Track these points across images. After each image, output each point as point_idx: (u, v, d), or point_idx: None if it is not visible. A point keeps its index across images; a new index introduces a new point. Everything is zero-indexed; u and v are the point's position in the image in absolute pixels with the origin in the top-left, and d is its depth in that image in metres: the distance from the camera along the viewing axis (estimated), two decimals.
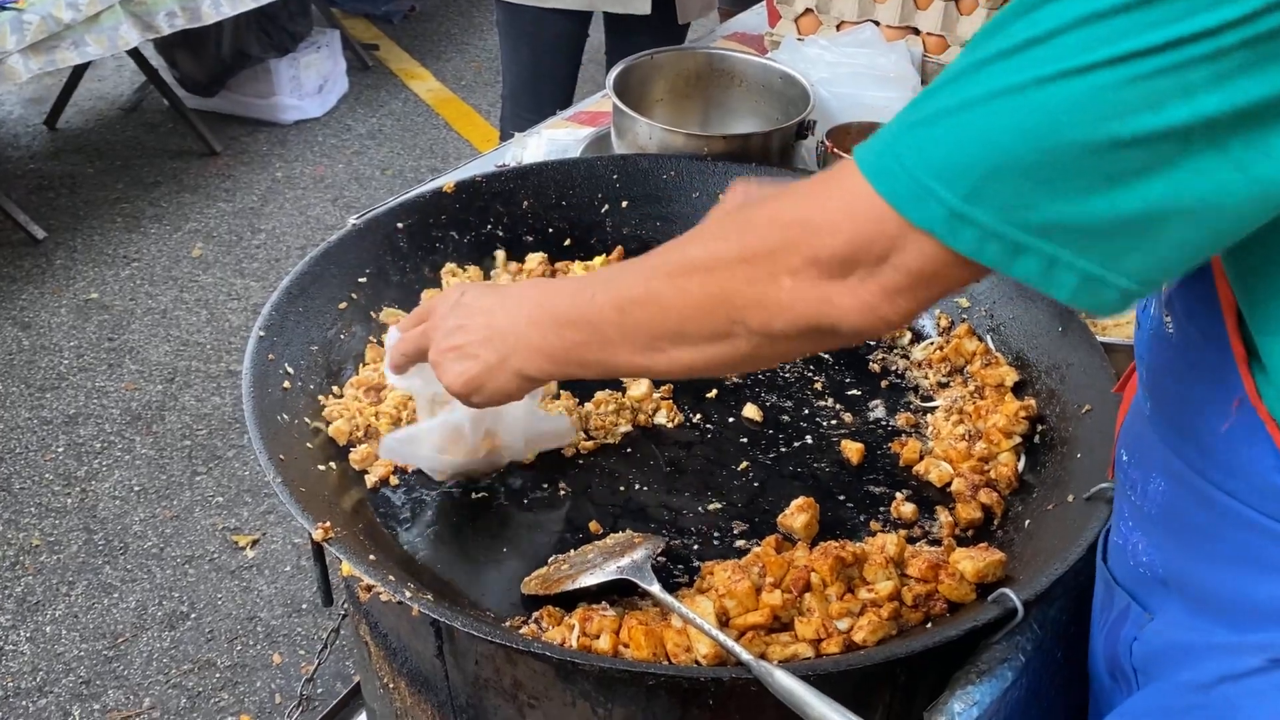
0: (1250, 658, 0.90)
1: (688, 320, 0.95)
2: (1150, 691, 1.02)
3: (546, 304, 1.08)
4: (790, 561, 1.23)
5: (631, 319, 0.99)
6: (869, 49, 2.09)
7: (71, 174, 4.61)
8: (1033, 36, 0.73)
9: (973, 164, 0.75)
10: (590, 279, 1.07)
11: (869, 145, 0.84)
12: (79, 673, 2.61)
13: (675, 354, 0.98)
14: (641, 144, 1.90)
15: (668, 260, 0.98)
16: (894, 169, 0.80)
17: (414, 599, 1.12)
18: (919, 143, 0.78)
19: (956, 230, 0.77)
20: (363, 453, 1.40)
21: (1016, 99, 0.73)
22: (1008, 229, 0.76)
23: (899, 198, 0.79)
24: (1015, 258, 0.76)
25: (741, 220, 0.93)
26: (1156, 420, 0.98)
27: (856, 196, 0.82)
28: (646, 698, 1.17)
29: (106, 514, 3.04)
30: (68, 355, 3.62)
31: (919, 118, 0.80)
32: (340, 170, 4.80)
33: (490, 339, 1.11)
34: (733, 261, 0.91)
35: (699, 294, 0.93)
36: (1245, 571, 0.90)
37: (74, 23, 3.72)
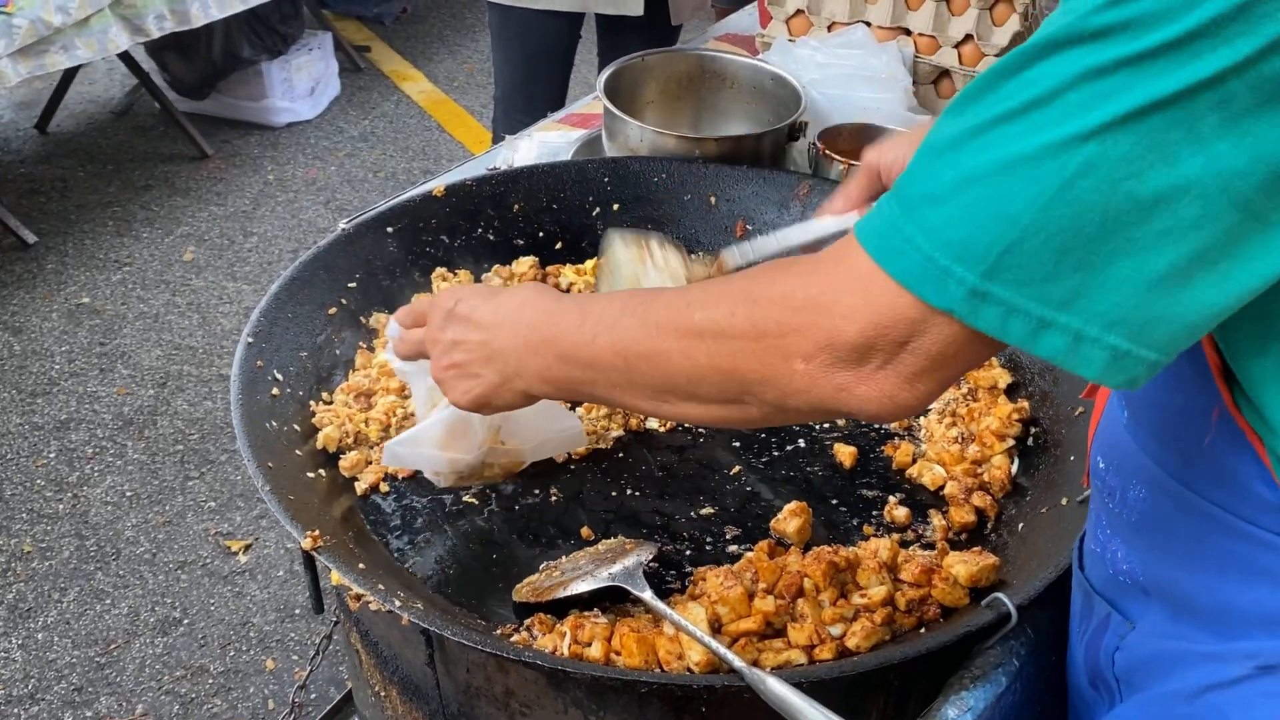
0: (1236, 665, 0.90)
1: (697, 383, 0.92)
2: (1134, 703, 1.01)
3: (545, 335, 1.05)
4: (783, 567, 1.22)
5: (637, 370, 0.96)
6: (860, 50, 2.09)
7: (62, 178, 4.59)
8: (1034, 97, 0.71)
9: (991, 240, 0.72)
10: (588, 311, 1.02)
11: (872, 225, 0.80)
12: (71, 680, 2.60)
13: (684, 407, 0.96)
14: (633, 146, 1.89)
15: (672, 319, 0.94)
16: (905, 249, 0.76)
17: (404, 608, 1.11)
18: (930, 222, 0.75)
19: (978, 309, 0.74)
20: (352, 459, 1.39)
21: (1029, 168, 0.70)
22: (1031, 304, 0.73)
23: (915, 280, 0.76)
24: (1039, 335, 0.73)
25: (748, 293, 0.89)
26: (1134, 429, 0.97)
27: (869, 280, 0.79)
28: (639, 706, 1.17)
29: (98, 520, 3.03)
30: (59, 360, 3.61)
31: (923, 194, 0.76)
32: (332, 173, 4.79)
33: (490, 359, 1.10)
34: (742, 337, 0.87)
35: (706, 362, 0.90)
36: (1230, 579, 0.89)
37: (64, 26, 3.70)
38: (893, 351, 0.80)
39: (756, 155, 1.87)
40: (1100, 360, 0.73)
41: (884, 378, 0.81)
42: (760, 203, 1.83)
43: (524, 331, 1.06)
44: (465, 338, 1.12)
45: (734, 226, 1.83)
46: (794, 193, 1.81)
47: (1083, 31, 0.69)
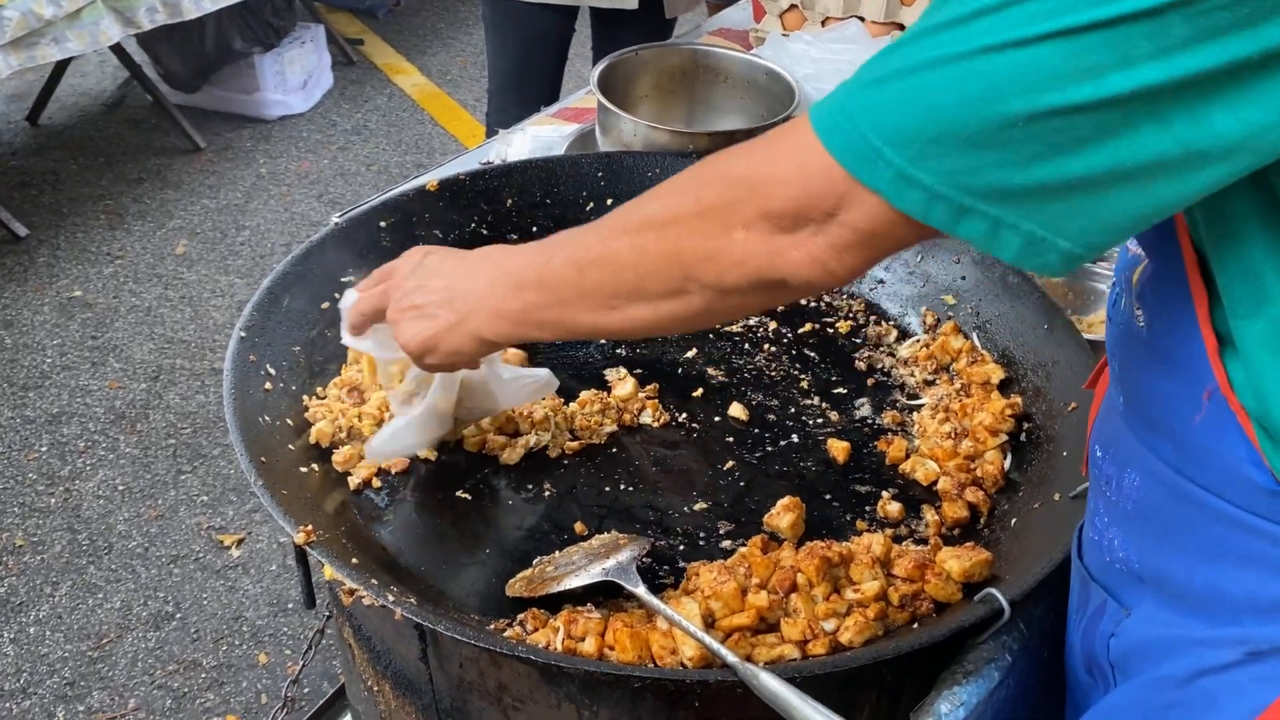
0: (1227, 651, 0.90)
1: (644, 278, 0.97)
2: (1128, 688, 1.02)
3: (506, 266, 1.10)
4: (776, 562, 1.23)
5: (589, 279, 1.01)
6: (854, 45, 2.09)
7: (54, 170, 4.58)
8: (983, 7, 0.75)
9: (920, 128, 0.77)
10: (549, 242, 1.08)
11: (824, 102, 0.85)
12: (63, 674, 2.59)
13: (632, 311, 1.00)
14: (626, 141, 1.89)
15: (625, 219, 1.00)
16: (845, 127, 0.81)
17: (397, 602, 1.11)
18: (870, 104, 0.80)
19: (903, 191, 0.79)
20: (345, 454, 1.39)
21: (961, 66, 0.75)
22: (953, 192, 0.77)
23: (848, 156, 0.81)
24: (960, 219, 0.78)
25: (697, 175, 0.94)
26: (1130, 416, 0.98)
27: (808, 151, 0.83)
28: (632, 700, 1.17)
29: (90, 514, 3.02)
30: (50, 354, 3.60)
31: (872, 78, 0.81)
32: (325, 166, 4.78)
33: (450, 300, 1.13)
34: (688, 216, 0.92)
35: (654, 251, 0.95)
36: (1221, 565, 0.90)
37: (55, 18, 3.69)
38: (823, 221, 0.85)
39: None
40: (1015, 245, 0.78)
41: (815, 245, 0.86)
42: None
43: (488, 271, 1.12)
44: (428, 282, 1.16)
45: None
46: None
47: None
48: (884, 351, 1.65)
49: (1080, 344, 1.48)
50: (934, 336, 1.63)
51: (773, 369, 1.60)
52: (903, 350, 1.64)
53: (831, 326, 1.69)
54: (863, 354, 1.63)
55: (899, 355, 1.63)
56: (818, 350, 1.64)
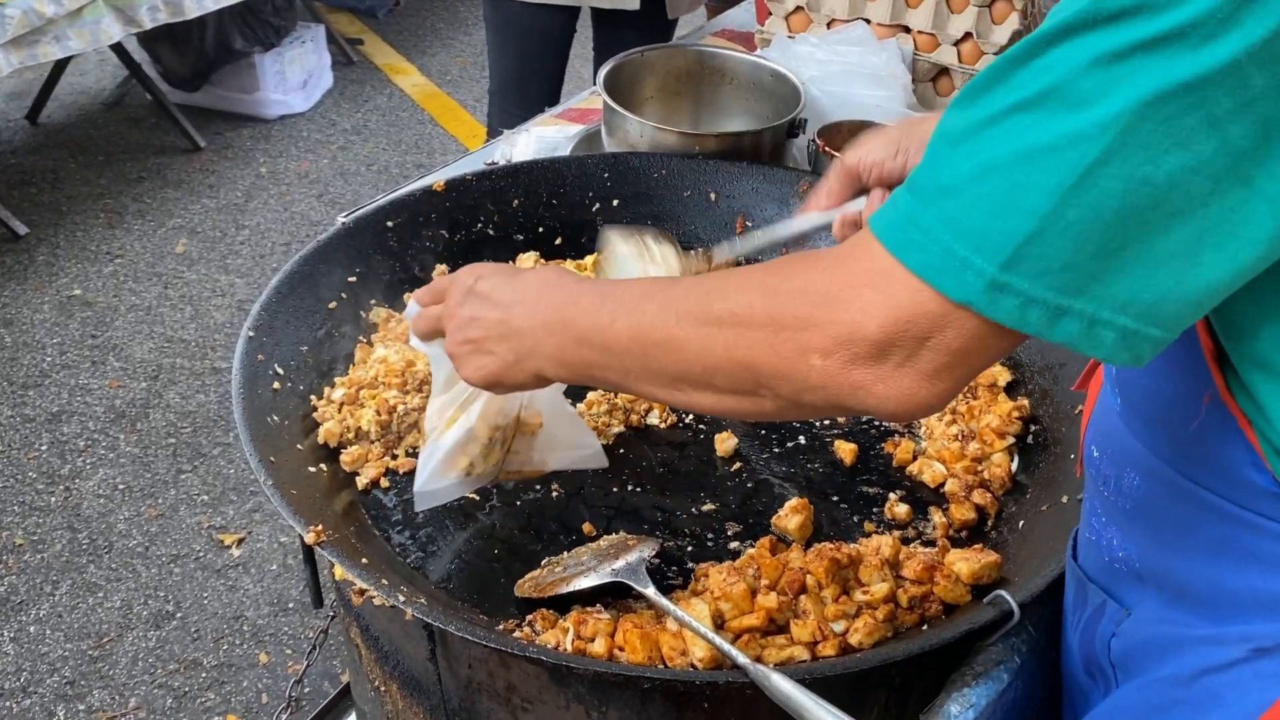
0: (1231, 649, 0.91)
1: (711, 374, 0.91)
2: (1131, 688, 1.02)
3: (564, 314, 1.03)
4: (785, 563, 1.23)
5: (652, 358, 0.95)
6: (860, 47, 2.09)
7: (54, 169, 4.57)
8: (1048, 85, 0.71)
9: (1009, 231, 0.72)
10: (609, 295, 1.01)
11: (888, 217, 0.79)
12: (63, 673, 2.59)
13: (698, 397, 0.94)
14: (632, 142, 1.89)
15: (691, 306, 0.93)
16: (922, 242, 0.76)
17: (407, 603, 1.11)
18: (948, 213, 0.75)
19: (997, 301, 0.74)
20: (354, 454, 1.39)
21: (1047, 158, 0.70)
22: (1048, 294, 0.73)
23: (934, 272, 0.76)
24: (1056, 322, 0.74)
25: (766, 283, 0.88)
26: (1128, 417, 0.98)
27: (888, 274, 0.78)
28: (641, 701, 1.17)
29: (90, 513, 3.02)
30: (50, 352, 3.59)
31: (940, 185, 0.76)
32: (325, 166, 4.77)
33: (506, 337, 1.08)
34: (759, 326, 0.86)
35: (723, 352, 0.89)
36: (1223, 563, 0.90)
37: (56, 17, 3.69)
38: (913, 348, 0.79)
39: (756, 151, 1.87)
40: (1110, 341, 0.74)
41: (903, 376, 0.80)
42: (760, 199, 1.83)
43: (543, 311, 1.05)
44: (482, 315, 1.09)
45: (734, 223, 1.83)
46: (794, 189, 1.81)
47: (1096, 16, 0.69)
48: None
49: None
50: None
51: None
52: None
53: None
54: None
55: None
56: None
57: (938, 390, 0.80)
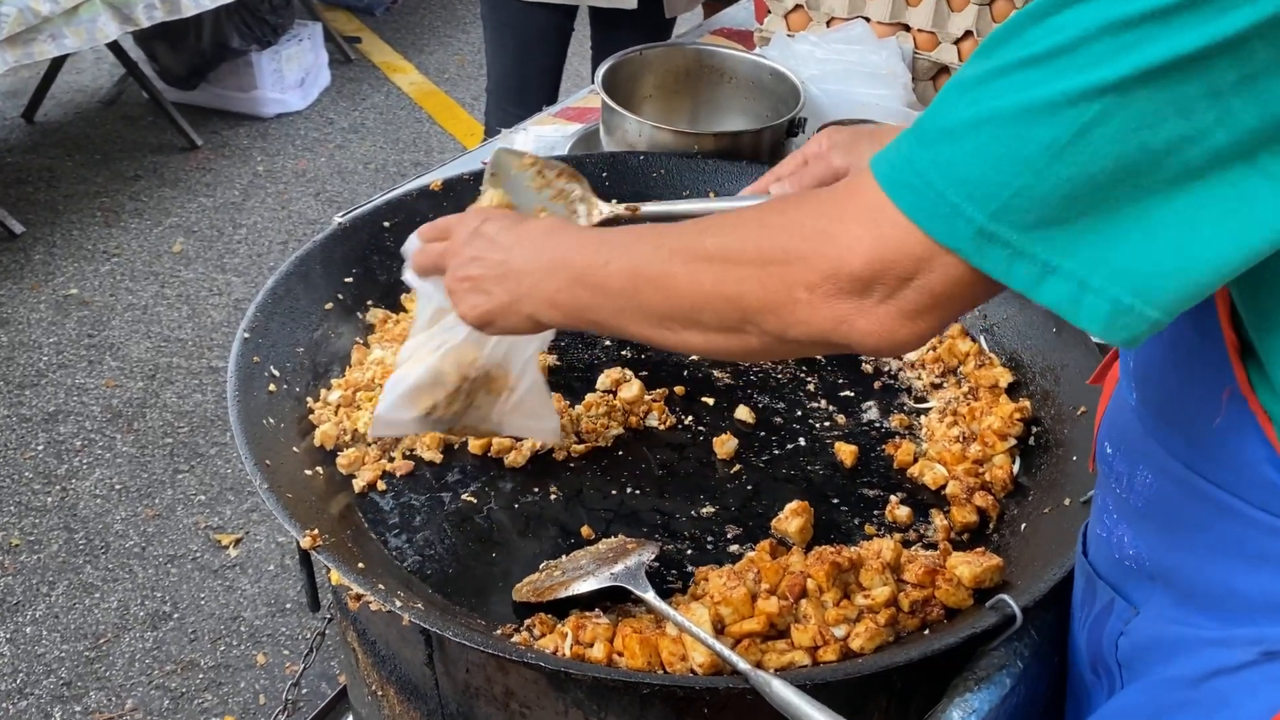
0: (1242, 651, 0.90)
1: (700, 309, 0.93)
2: (1138, 688, 1.01)
3: (563, 257, 1.06)
4: (785, 567, 1.22)
5: (643, 296, 0.97)
6: (859, 45, 2.08)
7: (50, 168, 4.56)
8: (1057, 45, 0.71)
9: (1003, 181, 0.73)
10: (607, 239, 1.04)
11: (887, 158, 0.81)
12: (60, 674, 2.58)
13: (686, 335, 0.96)
14: (630, 141, 1.88)
15: (685, 243, 0.95)
16: (917, 184, 0.77)
17: (404, 608, 1.10)
18: (944, 158, 0.76)
19: (984, 249, 0.75)
20: (350, 456, 1.38)
21: (1046, 114, 0.71)
22: (1037, 248, 0.73)
23: (925, 215, 0.77)
24: (1043, 280, 0.74)
25: (759, 219, 0.90)
26: (1144, 413, 0.97)
27: (878, 211, 0.79)
28: (641, 707, 1.16)
29: (87, 513, 3.01)
30: (47, 352, 3.58)
31: (940, 128, 0.77)
32: (322, 164, 4.76)
33: (505, 277, 1.10)
34: (748, 262, 0.88)
35: (711, 287, 0.91)
36: (1235, 564, 0.89)
37: (52, 15, 3.67)
38: (895, 286, 0.80)
39: (755, 151, 1.86)
40: (1103, 313, 0.74)
41: (884, 312, 0.81)
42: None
43: (545, 254, 1.07)
44: (484, 254, 1.13)
45: None
46: None
47: None
48: None
49: (1089, 347, 1.47)
50: (941, 339, 1.62)
51: (779, 372, 1.59)
52: (910, 354, 1.63)
53: None
54: (870, 357, 1.63)
55: (906, 358, 1.62)
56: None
57: (918, 329, 0.82)
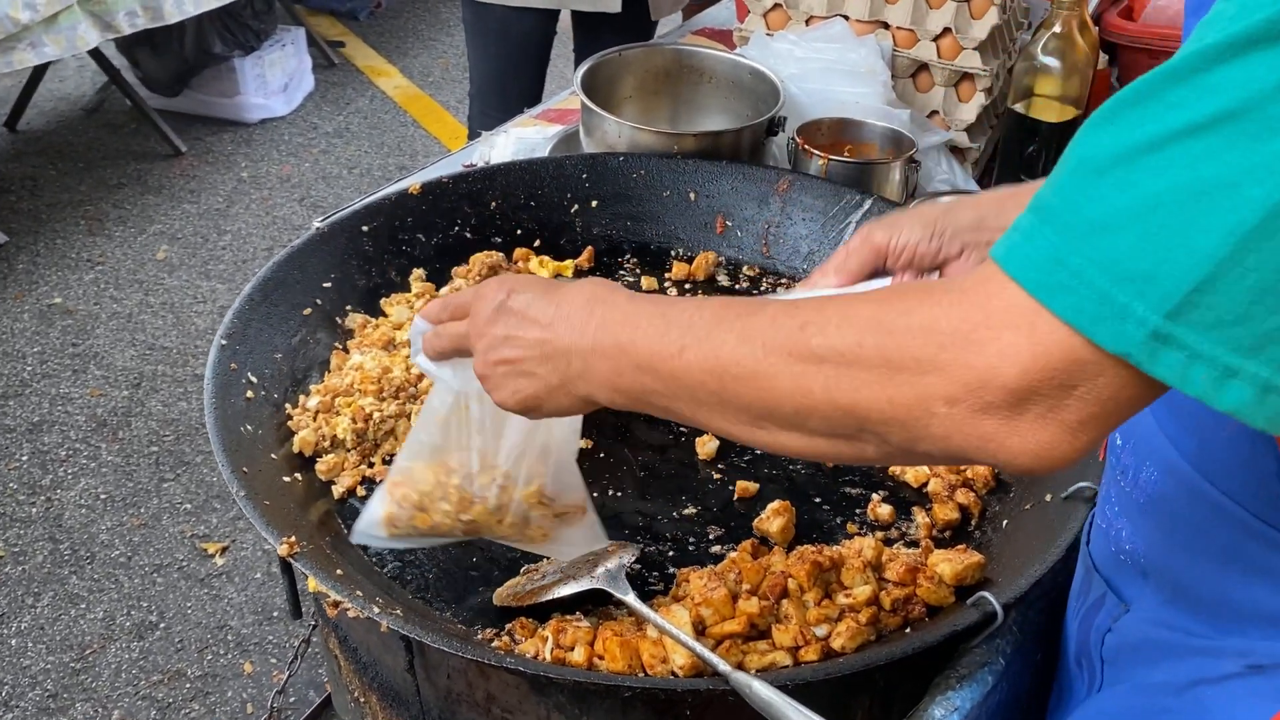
0: (1227, 662, 0.89)
1: (806, 414, 0.80)
2: (1119, 691, 1.01)
3: (620, 339, 0.91)
4: (767, 567, 1.21)
5: (731, 392, 0.83)
6: (838, 44, 2.07)
7: (33, 176, 4.53)
8: (1224, 109, 0.61)
9: (1180, 275, 0.63)
10: (672, 318, 0.88)
11: (1026, 254, 0.69)
12: (45, 685, 2.56)
13: (783, 438, 0.83)
14: (610, 142, 1.87)
15: (782, 339, 0.81)
16: (1073, 285, 0.66)
17: (382, 614, 1.09)
18: (1104, 253, 0.65)
19: (1158, 354, 0.65)
20: (329, 463, 1.37)
21: (1228, 194, 0.61)
22: (1219, 350, 0.64)
23: (1088, 319, 0.66)
24: (1225, 384, 0.65)
25: (879, 321, 0.76)
26: (1157, 409, 0.93)
27: (1033, 318, 0.68)
28: (622, 710, 1.15)
29: (72, 523, 2.99)
30: (31, 361, 3.56)
31: (1092, 220, 0.66)
32: (307, 169, 4.74)
33: (550, 357, 0.96)
34: (869, 367, 0.75)
35: (821, 394, 0.78)
36: (1230, 572, 0.89)
37: (31, 23, 3.65)
38: (1057, 398, 0.69)
39: (736, 150, 1.85)
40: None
41: (1042, 428, 0.70)
42: (740, 198, 1.81)
43: (593, 331, 0.93)
44: (519, 333, 0.97)
45: (713, 222, 1.82)
46: (774, 188, 1.80)
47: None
48: None
49: None
50: None
51: None
52: None
53: None
54: None
55: None
56: None
57: (1081, 443, 0.71)
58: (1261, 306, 0.62)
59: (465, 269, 1.70)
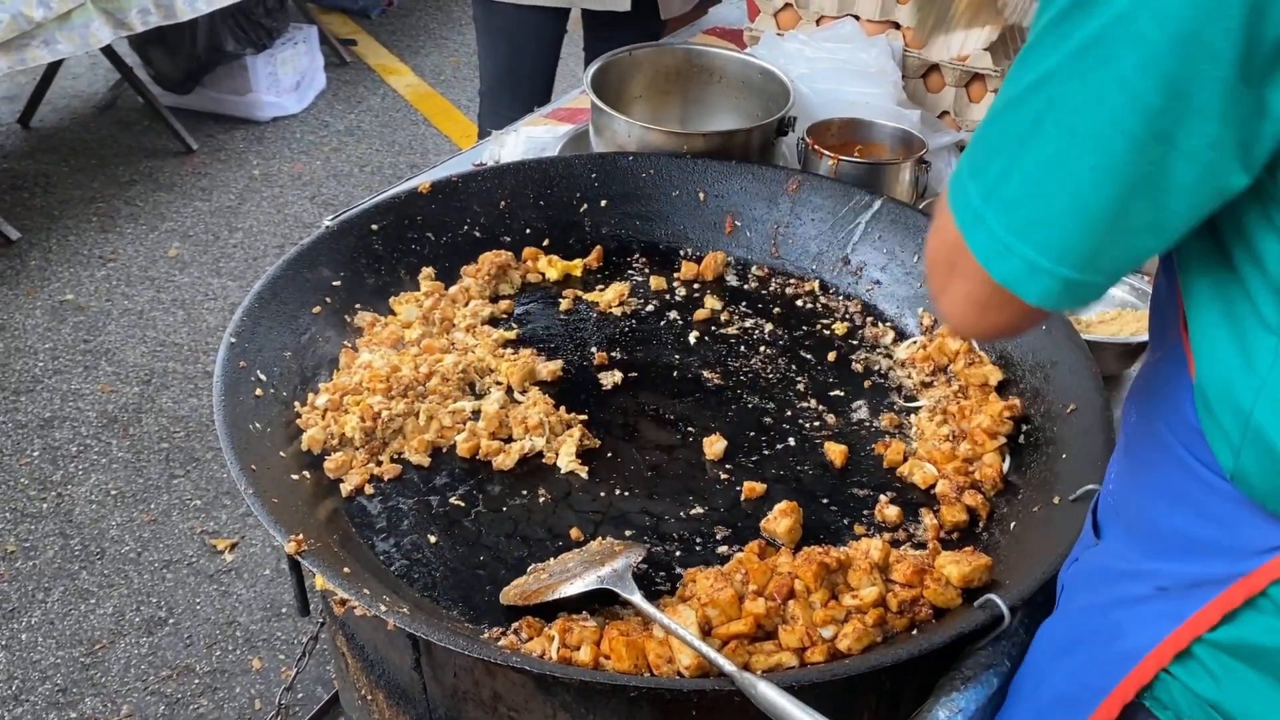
0: (1142, 585, 0.95)
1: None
2: (1061, 613, 1.06)
3: None
4: (773, 568, 1.21)
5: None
6: (849, 44, 2.07)
7: (46, 173, 4.55)
8: (1020, 56, 0.80)
9: (991, 168, 0.83)
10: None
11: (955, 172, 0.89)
12: (55, 680, 2.57)
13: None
14: (620, 142, 1.87)
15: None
16: (956, 187, 0.86)
17: (389, 612, 1.10)
18: (971, 160, 0.85)
19: (975, 230, 0.84)
20: (337, 461, 1.38)
21: (1021, 105, 0.80)
22: (1000, 229, 0.81)
23: (957, 210, 0.86)
24: (1003, 258, 0.82)
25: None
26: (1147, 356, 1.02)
27: (947, 213, 0.88)
28: (628, 710, 1.15)
29: (83, 519, 3.00)
30: (43, 357, 3.58)
31: (973, 144, 0.85)
32: (318, 167, 4.75)
33: None
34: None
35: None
36: (1164, 503, 0.94)
37: (45, 20, 3.66)
38: (949, 273, 0.88)
39: (745, 150, 1.85)
40: (1055, 291, 0.81)
41: (949, 300, 0.90)
42: (749, 198, 1.81)
43: None
44: None
45: (723, 222, 1.82)
46: (783, 188, 1.79)
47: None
48: (881, 353, 1.63)
49: (1079, 345, 1.46)
50: (931, 338, 1.62)
51: (769, 371, 1.59)
52: (900, 352, 1.63)
53: (828, 328, 1.68)
54: (860, 356, 1.62)
55: (896, 357, 1.62)
56: (814, 352, 1.63)
57: (984, 321, 0.89)
58: (1028, 195, 0.79)
59: (474, 268, 1.70)
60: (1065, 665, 1.01)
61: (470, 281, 1.68)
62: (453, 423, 1.45)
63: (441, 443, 1.43)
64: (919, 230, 1.67)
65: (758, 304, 1.72)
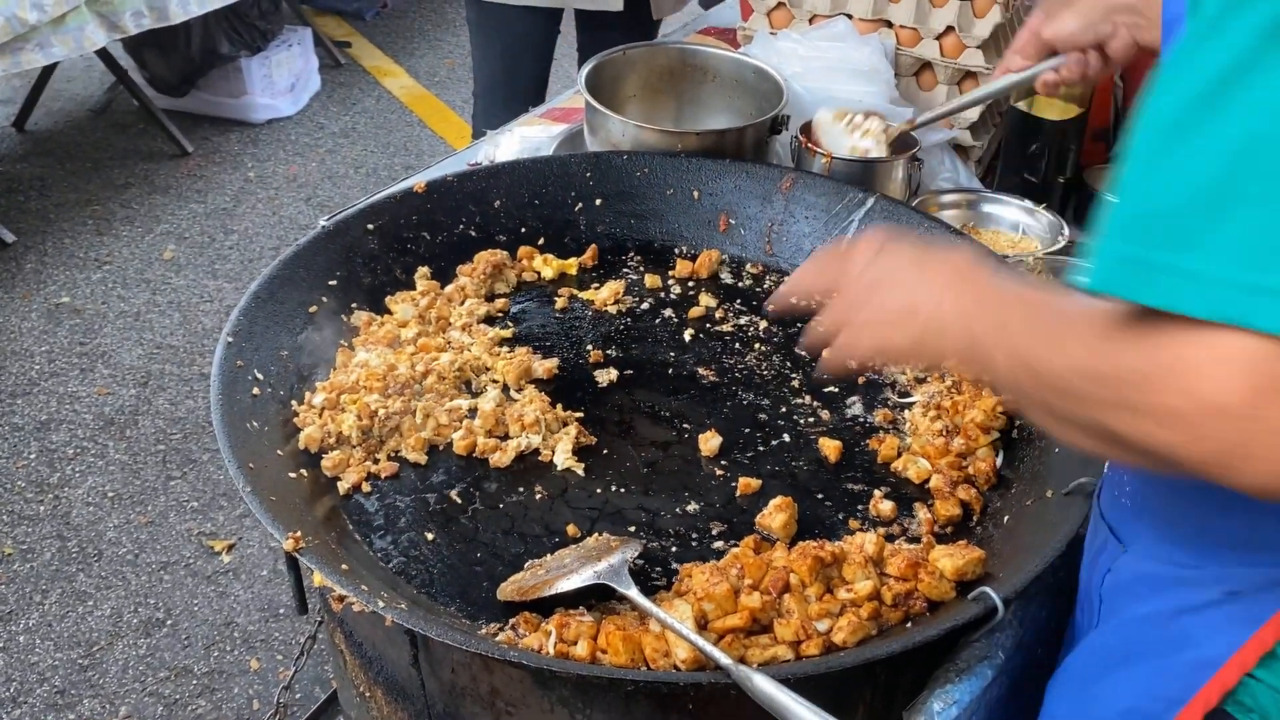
0: (1207, 590, 0.93)
1: None
2: (1112, 627, 1.04)
3: (1015, 341, 0.88)
4: (769, 562, 1.22)
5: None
6: (842, 42, 2.08)
7: (41, 176, 4.55)
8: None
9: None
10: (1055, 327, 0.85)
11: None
12: (53, 682, 2.58)
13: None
14: (614, 141, 1.88)
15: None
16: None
17: (387, 608, 1.10)
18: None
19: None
20: (334, 459, 1.38)
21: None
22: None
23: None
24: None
25: None
26: None
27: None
28: (625, 703, 1.16)
29: (80, 521, 3.01)
30: (39, 360, 3.58)
31: None
32: (313, 169, 4.76)
33: (911, 316, 0.99)
34: None
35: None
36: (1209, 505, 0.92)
37: (39, 24, 3.67)
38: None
39: (739, 149, 1.86)
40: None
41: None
42: (743, 196, 1.82)
43: (962, 319, 0.95)
44: (884, 300, 1.03)
45: (717, 220, 1.83)
46: (777, 186, 1.80)
47: None
48: None
49: None
50: None
51: (764, 368, 1.60)
52: None
53: None
54: None
55: None
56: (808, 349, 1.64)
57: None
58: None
59: (470, 267, 1.71)
60: (1126, 678, 0.99)
61: (466, 280, 1.69)
62: (449, 421, 1.46)
63: (438, 440, 1.44)
64: (911, 227, 1.68)
65: (752, 301, 1.73)
